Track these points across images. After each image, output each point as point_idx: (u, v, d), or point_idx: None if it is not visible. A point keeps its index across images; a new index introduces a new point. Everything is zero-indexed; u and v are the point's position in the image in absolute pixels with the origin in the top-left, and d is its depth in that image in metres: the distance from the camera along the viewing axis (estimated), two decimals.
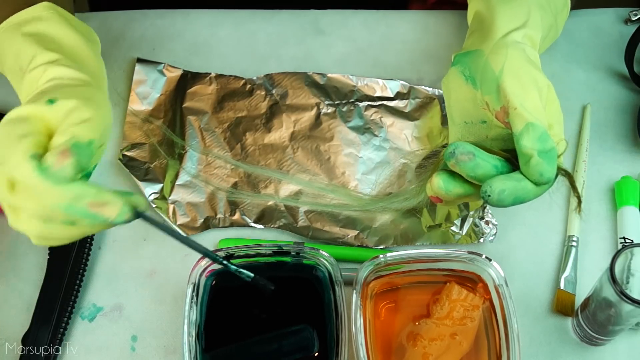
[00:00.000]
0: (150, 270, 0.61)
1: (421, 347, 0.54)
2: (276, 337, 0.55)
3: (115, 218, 0.44)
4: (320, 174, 0.65)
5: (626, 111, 0.69)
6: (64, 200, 0.43)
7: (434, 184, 0.49)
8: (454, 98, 0.55)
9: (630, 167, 0.66)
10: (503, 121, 0.49)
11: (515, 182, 0.46)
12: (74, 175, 0.43)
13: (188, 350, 0.52)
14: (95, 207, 0.43)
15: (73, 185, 0.43)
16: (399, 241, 0.62)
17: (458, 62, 0.54)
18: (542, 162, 0.46)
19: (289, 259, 0.57)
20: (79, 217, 0.43)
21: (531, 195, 0.47)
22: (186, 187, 0.64)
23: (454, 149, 0.47)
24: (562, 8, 0.60)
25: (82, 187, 0.43)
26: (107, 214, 0.44)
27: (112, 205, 0.44)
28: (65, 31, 0.54)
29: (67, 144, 0.44)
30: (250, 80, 0.69)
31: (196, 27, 0.73)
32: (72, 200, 0.43)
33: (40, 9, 0.55)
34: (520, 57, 0.51)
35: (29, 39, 0.52)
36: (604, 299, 0.52)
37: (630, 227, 0.61)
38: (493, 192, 0.46)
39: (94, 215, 0.43)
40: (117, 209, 0.44)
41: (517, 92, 0.48)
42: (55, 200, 0.43)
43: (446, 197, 0.50)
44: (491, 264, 0.55)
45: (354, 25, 0.74)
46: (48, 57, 0.51)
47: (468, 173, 0.48)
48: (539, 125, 0.47)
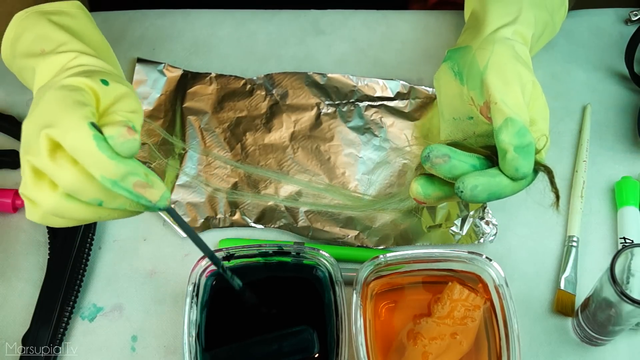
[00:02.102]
0: (151, 270, 0.61)
1: (421, 345, 0.54)
2: (276, 338, 0.55)
3: (158, 202, 0.42)
4: (321, 174, 0.65)
5: (626, 111, 0.69)
6: (114, 174, 0.41)
7: (412, 190, 0.49)
8: (443, 94, 0.55)
9: (630, 167, 0.66)
10: (486, 116, 0.49)
11: (489, 178, 0.46)
12: (134, 153, 0.42)
13: (188, 350, 0.52)
14: (141, 188, 0.42)
15: (128, 161, 0.41)
16: (399, 241, 0.62)
17: (449, 57, 0.55)
18: (517, 157, 0.45)
19: (289, 259, 0.57)
20: (122, 194, 0.41)
21: (507, 191, 0.47)
22: (186, 187, 0.64)
23: (429, 152, 0.47)
24: (559, 6, 0.60)
25: (136, 165, 0.42)
26: (150, 196, 0.42)
27: (156, 189, 0.42)
28: (93, 30, 0.55)
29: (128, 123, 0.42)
30: (251, 80, 0.69)
31: (196, 27, 0.73)
32: (122, 177, 0.41)
33: (69, 6, 0.55)
34: (506, 53, 0.51)
35: (58, 27, 0.52)
36: (604, 299, 0.52)
37: (630, 227, 0.61)
38: (465, 188, 0.45)
39: (137, 195, 0.42)
40: (159, 193, 0.42)
41: (499, 87, 0.48)
42: (106, 172, 0.41)
43: (426, 202, 0.50)
44: (491, 264, 0.55)
45: (354, 25, 0.74)
46: (79, 47, 0.50)
47: (445, 175, 0.47)
48: (518, 120, 0.46)
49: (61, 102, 0.42)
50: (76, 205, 0.42)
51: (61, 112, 0.42)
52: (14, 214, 0.63)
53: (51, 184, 0.42)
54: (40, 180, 0.43)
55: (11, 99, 0.69)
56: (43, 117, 0.42)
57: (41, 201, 0.43)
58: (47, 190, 0.42)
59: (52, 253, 0.60)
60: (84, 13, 0.56)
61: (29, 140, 0.43)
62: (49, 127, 0.41)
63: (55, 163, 0.41)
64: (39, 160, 0.42)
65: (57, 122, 0.41)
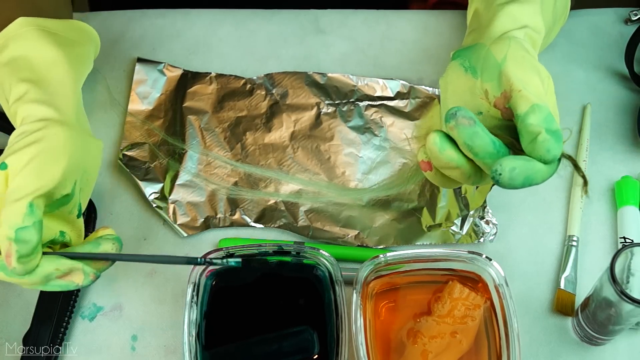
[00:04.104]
0: (151, 269, 0.61)
1: (421, 344, 0.54)
2: (277, 338, 0.55)
3: (83, 282, 0.48)
4: (321, 173, 0.65)
5: (626, 111, 0.69)
6: (36, 283, 0.47)
7: (429, 140, 0.47)
8: (451, 91, 0.55)
9: (630, 167, 0.66)
10: (502, 107, 0.49)
11: (524, 161, 0.45)
12: (32, 268, 0.46)
13: (188, 350, 0.52)
14: (66, 277, 0.48)
15: (35, 272, 0.47)
16: (399, 241, 0.62)
17: (458, 56, 0.55)
18: (549, 138, 0.45)
19: (289, 259, 0.57)
20: (58, 289, 0.48)
21: (541, 175, 0.45)
22: (186, 186, 0.64)
23: (456, 110, 0.45)
24: (561, 13, 0.61)
25: (46, 265, 0.47)
26: (77, 280, 0.48)
27: (75, 271, 0.48)
28: (41, 51, 0.55)
29: (6, 242, 0.45)
30: (251, 80, 0.69)
31: (196, 27, 0.73)
32: (43, 280, 0.47)
33: (17, 27, 0.56)
34: (522, 48, 0.51)
35: (5, 69, 0.54)
36: (604, 299, 0.52)
37: (630, 226, 0.61)
38: (504, 171, 0.44)
39: (67, 285, 0.48)
40: (80, 273, 0.48)
41: (521, 77, 0.48)
42: (29, 284, 0.47)
43: (438, 158, 0.47)
44: (491, 263, 0.55)
45: (354, 24, 0.74)
46: (18, 91, 0.53)
47: (465, 140, 0.45)
48: (545, 107, 0.46)
49: None
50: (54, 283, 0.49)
51: None
52: None
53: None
54: None
55: None
56: None
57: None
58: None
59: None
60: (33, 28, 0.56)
61: None
62: None
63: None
64: None
65: None
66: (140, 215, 0.64)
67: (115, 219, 0.63)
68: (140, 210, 0.64)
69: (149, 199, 0.63)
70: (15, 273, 0.46)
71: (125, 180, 0.65)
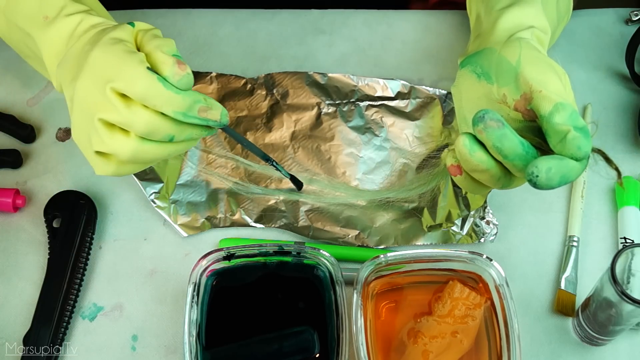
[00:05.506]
0: (151, 269, 0.61)
1: (422, 344, 0.54)
2: (277, 338, 0.55)
3: (221, 120, 0.49)
4: (321, 173, 0.65)
5: (626, 111, 0.69)
6: (183, 107, 0.46)
7: (459, 142, 0.47)
8: (465, 99, 0.55)
9: (631, 167, 0.66)
10: (523, 109, 0.49)
11: (559, 160, 0.44)
12: (192, 83, 0.47)
13: (189, 350, 0.52)
14: (204, 112, 0.48)
15: (189, 92, 0.47)
16: (400, 241, 0.62)
17: (467, 63, 0.54)
18: (579, 135, 0.44)
19: (290, 259, 0.57)
20: (193, 122, 0.47)
21: (575, 173, 0.45)
22: (187, 186, 0.64)
23: (484, 113, 0.45)
24: (565, 12, 0.61)
25: (195, 93, 0.47)
26: (213, 117, 0.48)
27: (215, 109, 0.48)
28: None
29: (174, 57, 0.46)
30: (251, 80, 0.69)
31: (197, 27, 0.73)
32: (189, 107, 0.47)
33: None
34: (533, 48, 0.51)
35: None
36: (604, 299, 0.52)
37: (630, 227, 0.61)
38: (540, 172, 0.43)
39: (204, 119, 0.48)
40: (219, 112, 0.49)
41: (539, 77, 0.48)
42: (177, 107, 0.46)
43: (468, 161, 0.47)
44: (492, 264, 0.55)
45: (355, 24, 0.74)
46: (79, 7, 0.53)
47: (494, 142, 0.45)
48: (568, 104, 0.46)
49: (114, 56, 0.46)
50: (150, 146, 0.47)
51: (119, 65, 0.46)
52: (14, 213, 0.63)
53: (124, 133, 0.47)
54: (113, 133, 0.47)
55: (11, 99, 0.69)
56: (101, 75, 0.46)
57: (119, 150, 0.47)
58: (123, 139, 0.47)
59: (52, 252, 0.60)
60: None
61: (94, 100, 0.46)
62: (111, 81, 0.45)
63: (131, 111, 0.45)
64: (115, 113, 0.46)
65: (119, 75, 0.45)
66: (140, 215, 0.64)
67: (115, 219, 0.63)
68: (140, 210, 0.64)
69: (149, 199, 0.63)
70: (180, 84, 0.46)
71: (125, 180, 0.65)
